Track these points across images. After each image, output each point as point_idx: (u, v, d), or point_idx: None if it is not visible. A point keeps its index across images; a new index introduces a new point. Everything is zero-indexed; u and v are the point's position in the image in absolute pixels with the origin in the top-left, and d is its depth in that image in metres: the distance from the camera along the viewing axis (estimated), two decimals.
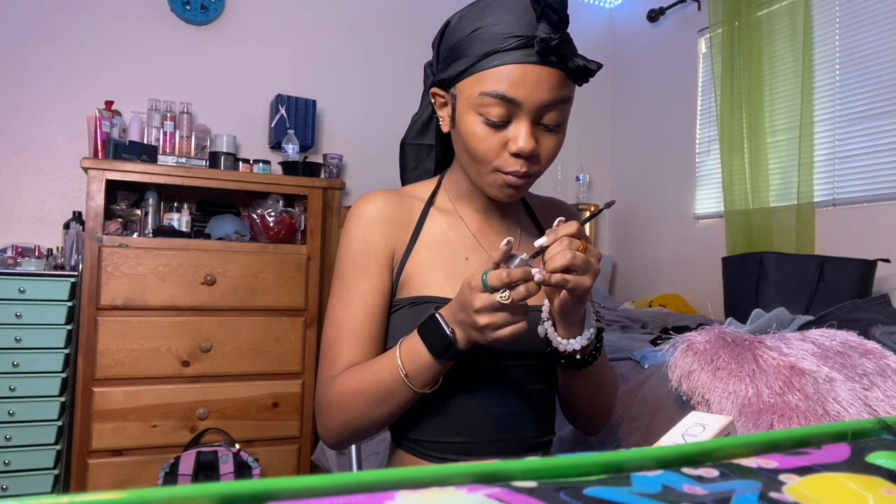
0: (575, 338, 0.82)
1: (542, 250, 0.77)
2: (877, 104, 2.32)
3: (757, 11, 2.67)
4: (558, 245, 0.74)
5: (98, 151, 2.40)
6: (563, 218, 0.80)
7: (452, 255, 0.93)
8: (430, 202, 0.97)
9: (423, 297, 0.89)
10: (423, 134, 1.04)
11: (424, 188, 1.00)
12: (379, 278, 0.90)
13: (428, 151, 1.05)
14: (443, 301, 0.88)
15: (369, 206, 0.92)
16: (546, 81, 0.81)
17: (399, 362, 0.80)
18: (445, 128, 0.92)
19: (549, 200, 1.09)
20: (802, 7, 2.48)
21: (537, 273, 0.73)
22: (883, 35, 2.30)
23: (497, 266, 0.73)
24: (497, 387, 0.90)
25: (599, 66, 0.85)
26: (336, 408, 0.86)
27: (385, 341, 0.92)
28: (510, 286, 0.71)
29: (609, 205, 0.85)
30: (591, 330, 0.83)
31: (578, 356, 0.84)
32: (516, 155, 0.83)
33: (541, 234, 1.00)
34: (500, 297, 0.71)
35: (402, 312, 0.90)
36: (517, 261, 0.74)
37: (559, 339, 0.83)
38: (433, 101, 0.93)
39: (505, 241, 0.74)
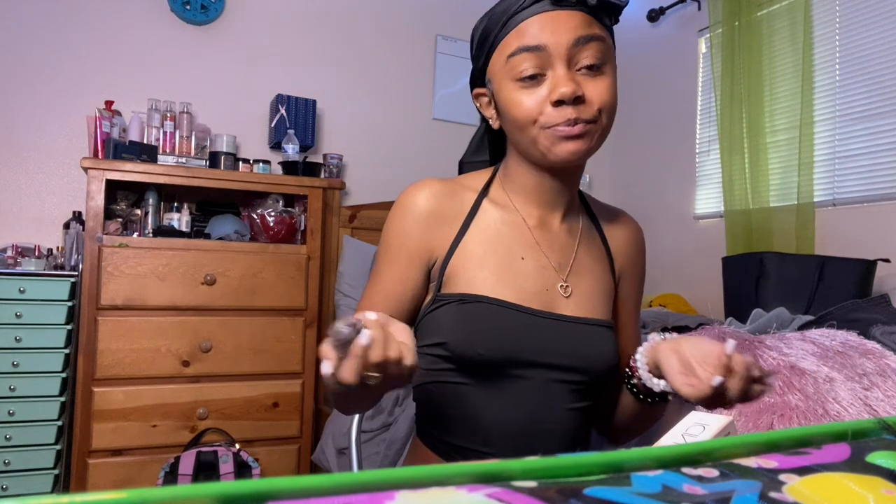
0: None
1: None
2: (877, 104, 2.32)
3: (757, 11, 2.67)
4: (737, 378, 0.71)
5: (98, 151, 2.40)
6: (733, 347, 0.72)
7: (506, 253, 0.88)
8: (484, 193, 0.92)
9: (474, 296, 0.84)
10: (479, 151, 1.01)
11: (479, 178, 0.94)
12: (406, 270, 0.88)
13: (484, 168, 1.03)
14: (494, 301, 0.84)
15: (417, 196, 0.89)
16: (567, 22, 0.80)
17: None
18: (496, 124, 0.90)
19: (613, 209, 1.03)
20: (802, 7, 2.48)
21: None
22: (883, 35, 2.30)
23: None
24: (542, 400, 0.85)
25: (625, 1, 0.83)
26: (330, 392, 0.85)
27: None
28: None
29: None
30: None
31: (670, 396, 0.83)
32: (559, 103, 0.79)
33: (603, 241, 0.97)
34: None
35: (450, 308, 0.85)
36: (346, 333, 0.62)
37: (654, 378, 0.82)
38: (478, 105, 0.92)
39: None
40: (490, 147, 1.00)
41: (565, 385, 0.87)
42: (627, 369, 0.87)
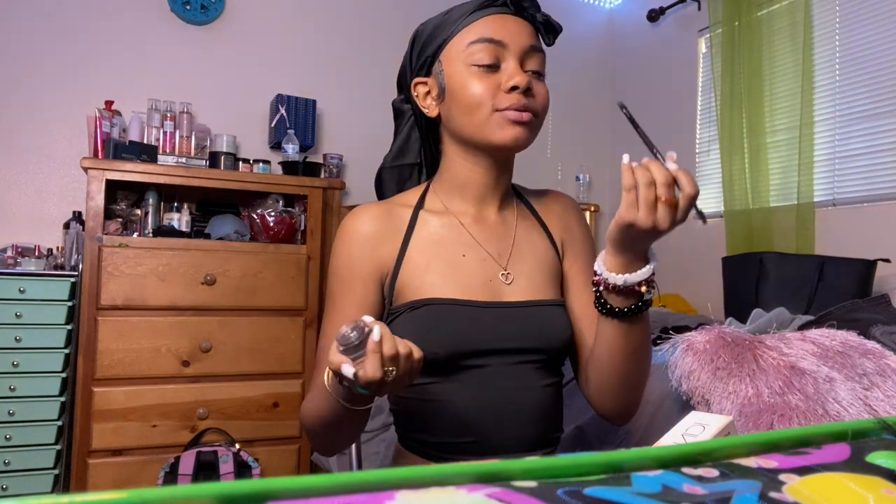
0: (634, 272, 0.78)
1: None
2: (877, 104, 2.32)
3: (757, 11, 2.67)
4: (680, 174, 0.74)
5: (98, 151, 2.40)
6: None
7: (448, 254, 0.92)
8: (420, 206, 0.97)
9: (422, 301, 0.89)
10: (402, 154, 1.05)
11: (412, 195, 1.00)
12: (362, 295, 0.92)
13: (410, 171, 1.05)
14: (440, 301, 0.88)
15: (355, 222, 0.94)
16: (523, 28, 0.91)
17: (327, 386, 0.78)
18: (433, 112, 0.95)
19: (543, 190, 1.08)
20: (802, 7, 2.48)
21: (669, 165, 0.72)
22: (883, 35, 2.30)
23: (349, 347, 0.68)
24: (507, 384, 0.89)
25: (561, 27, 0.95)
26: (306, 426, 0.89)
27: None
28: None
29: (702, 216, 0.78)
30: (654, 262, 0.80)
31: (643, 290, 0.79)
32: (514, 88, 0.87)
33: (539, 221, 1.01)
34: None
35: (403, 317, 0.90)
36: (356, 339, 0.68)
37: (616, 275, 0.78)
38: (415, 95, 0.97)
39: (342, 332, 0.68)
40: (417, 148, 1.04)
41: (527, 365, 0.91)
42: (593, 285, 0.84)
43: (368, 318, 0.70)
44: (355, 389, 0.71)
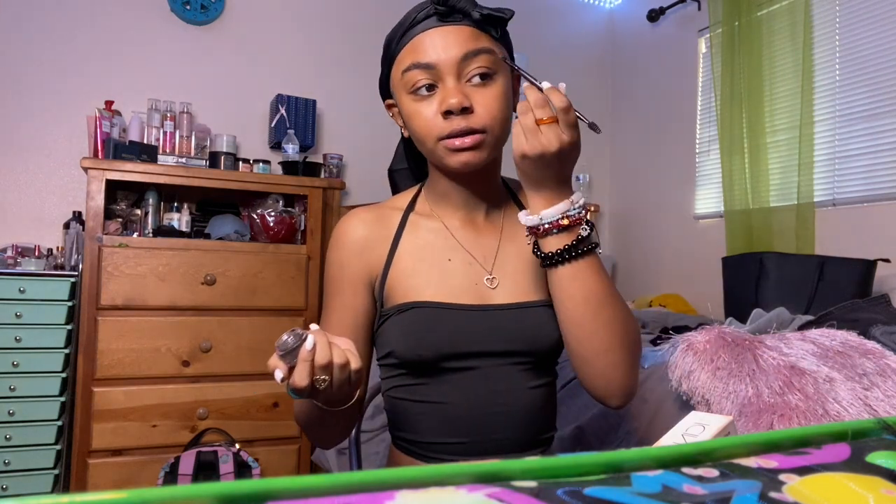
0: (550, 207, 0.79)
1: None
2: (877, 104, 2.32)
3: (757, 11, 2.67)
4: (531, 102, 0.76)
5: (98, 151, 2.40)
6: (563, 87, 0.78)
7: (434, 258, 0.93)
8: (410, 209, 0.98)
9: (409, 304, 0.90)
10: (402, 159, 1.08)
11: (405, 198, 1.00)
12: (352, 298, 0.93)
13: (407, 175, 1.08)
14: (426, 305, 0.89)
15: (348, 228, 0.95)
16: (455, 37, 0.84)
17: None
18: (407, 133, 0.95)
19: None
20: (802, 7, 2.49)
21: None
22: (883, 35, 2.30)
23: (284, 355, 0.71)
24: (495, 386, 0.90)
25: (508, 12, 0.87)
26: (297, 422, 0.92)
27: (366, 355, 0.96)
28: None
29: (594, 126, 0.78)
30: (578, 196, 0.80)
31: (565, 223, 0.79)
32: (448, 114, 0.84)
33: None
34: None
35: (392, 320, 0.92)
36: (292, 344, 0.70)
37: (527, 215, 0.81)
38: (391, 115, 0.97)
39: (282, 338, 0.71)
40: (408, 155, 1.05)
41: (514, 367, 0.91)
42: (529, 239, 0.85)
43: (314, 327, 0.72)
44: (287, 393, 0.73)
